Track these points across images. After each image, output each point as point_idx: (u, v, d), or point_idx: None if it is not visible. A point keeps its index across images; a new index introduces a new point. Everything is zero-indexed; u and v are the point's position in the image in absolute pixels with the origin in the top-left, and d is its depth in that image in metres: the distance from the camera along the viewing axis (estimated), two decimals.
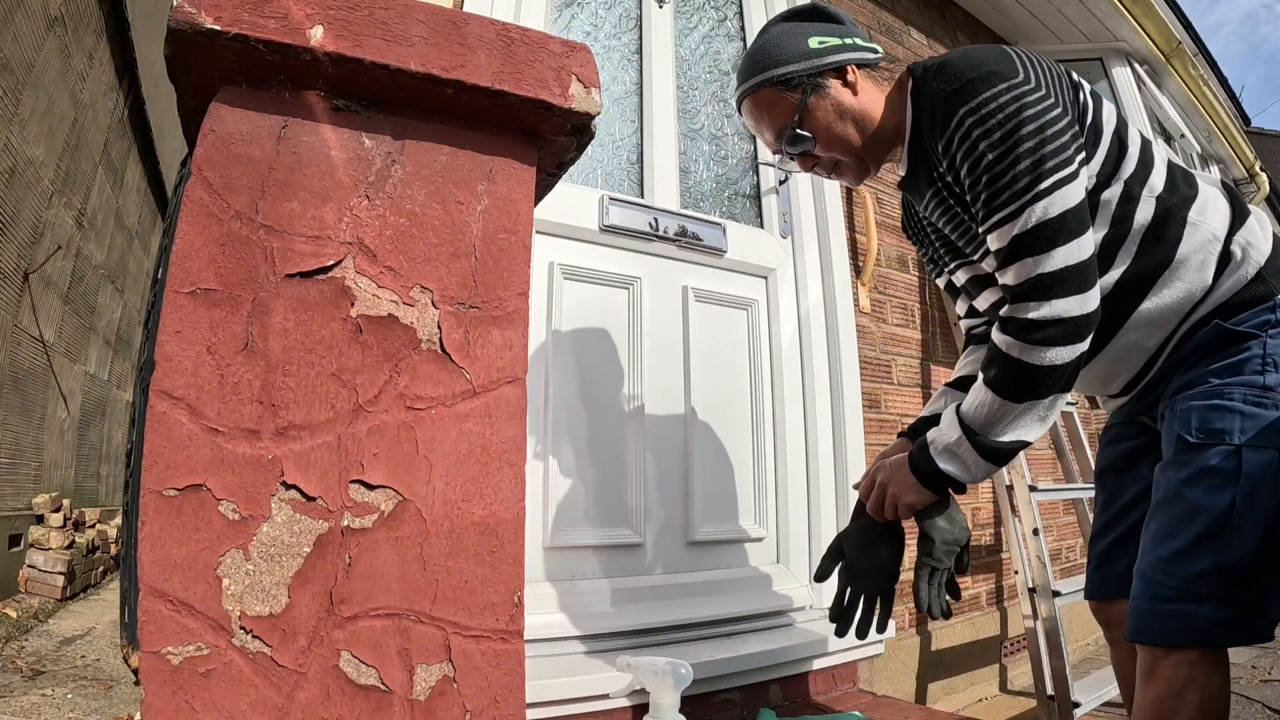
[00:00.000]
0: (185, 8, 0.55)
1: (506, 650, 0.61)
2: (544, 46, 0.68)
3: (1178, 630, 0.83)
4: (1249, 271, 0.89)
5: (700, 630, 1.53)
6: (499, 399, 0.64)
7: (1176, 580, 0.82)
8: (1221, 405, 0.85)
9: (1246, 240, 0.91)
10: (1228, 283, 0.90)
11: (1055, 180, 0.85)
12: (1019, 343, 0.87)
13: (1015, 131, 0.85)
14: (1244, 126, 5.23)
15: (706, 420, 1.70)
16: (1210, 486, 0.83)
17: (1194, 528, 0.82)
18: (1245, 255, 0.90)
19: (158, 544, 0.52)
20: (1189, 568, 0.82)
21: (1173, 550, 0.83)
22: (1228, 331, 0.88)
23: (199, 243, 0.57)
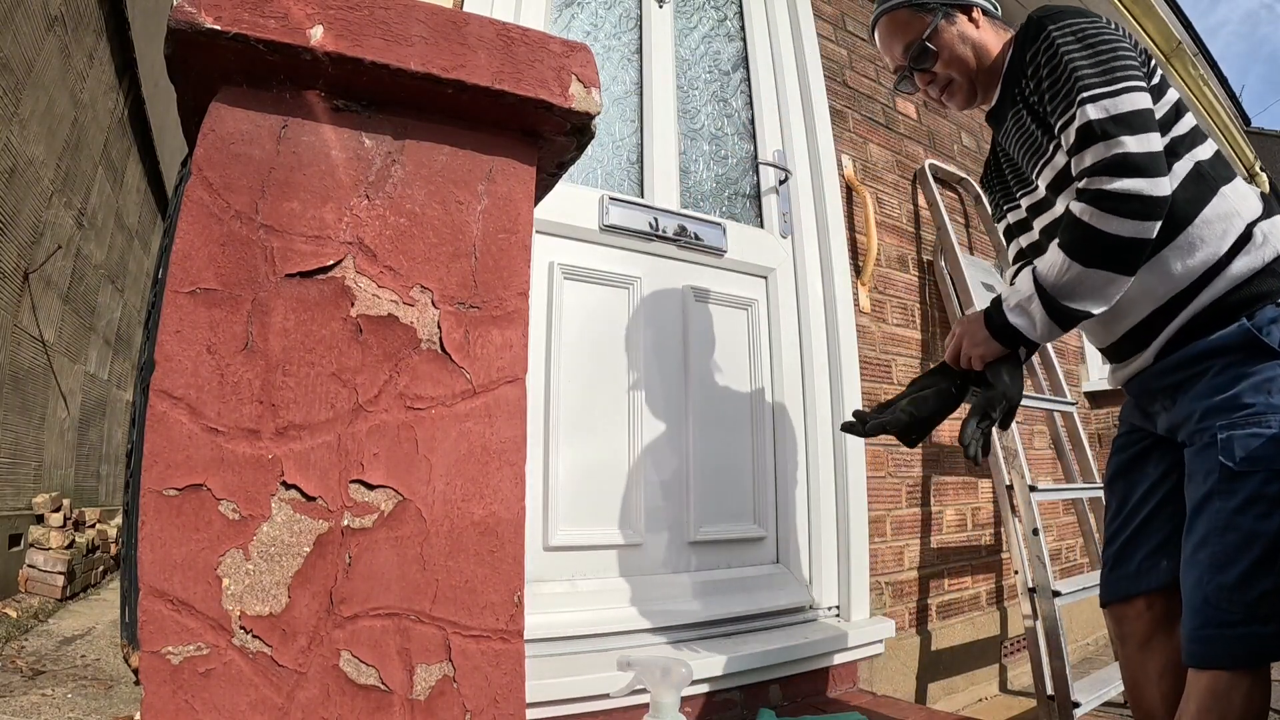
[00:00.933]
0: (185, 8, 0.55)
1: (506, 650, 0.61)
2: (544, 46, 0.68)
3: (1244, 653, 0.87)
4: (1266, 256, 0.93)
5: (700, 630, 1.53)
6: (499, 399, 0.64)
7: (1241, 605, 0.86)
8: (1261, 434, 0.88)
9: (1270, 229, 0.95)
10: (1243, 261, 0.94)
11: (1128, 84, 0.94)
12: (1092, 208, 0.92)
13: (1095, 42, 0.97)
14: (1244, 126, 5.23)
15: (706, 420, 1.70)
16: (1260, 512, 0.87)
17: (1251, 553, 0.86)
18: (1266, 240, 0.94)
19: (158, 544, 0.52)
20: (1251, 592, 0.86)
21: (1234, 577, 0.87)
22: (1257, 341, 0.91)
23: (199, 243, 0.57)
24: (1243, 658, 0.88)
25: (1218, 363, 0.94)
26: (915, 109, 2.52)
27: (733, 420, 1.75)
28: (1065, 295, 0.97)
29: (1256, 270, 0.93)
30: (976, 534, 2.22)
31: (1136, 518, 1.10)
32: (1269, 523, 0.87)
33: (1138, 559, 1.10)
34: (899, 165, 2.35)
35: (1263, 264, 0.93)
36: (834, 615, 1.74)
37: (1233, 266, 0.94)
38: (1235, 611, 0.87)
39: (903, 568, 1.95)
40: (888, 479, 1.97)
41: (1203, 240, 0.96)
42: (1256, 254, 0.94)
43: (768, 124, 2.03)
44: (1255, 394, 0.90)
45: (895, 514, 1.97)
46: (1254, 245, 0.94)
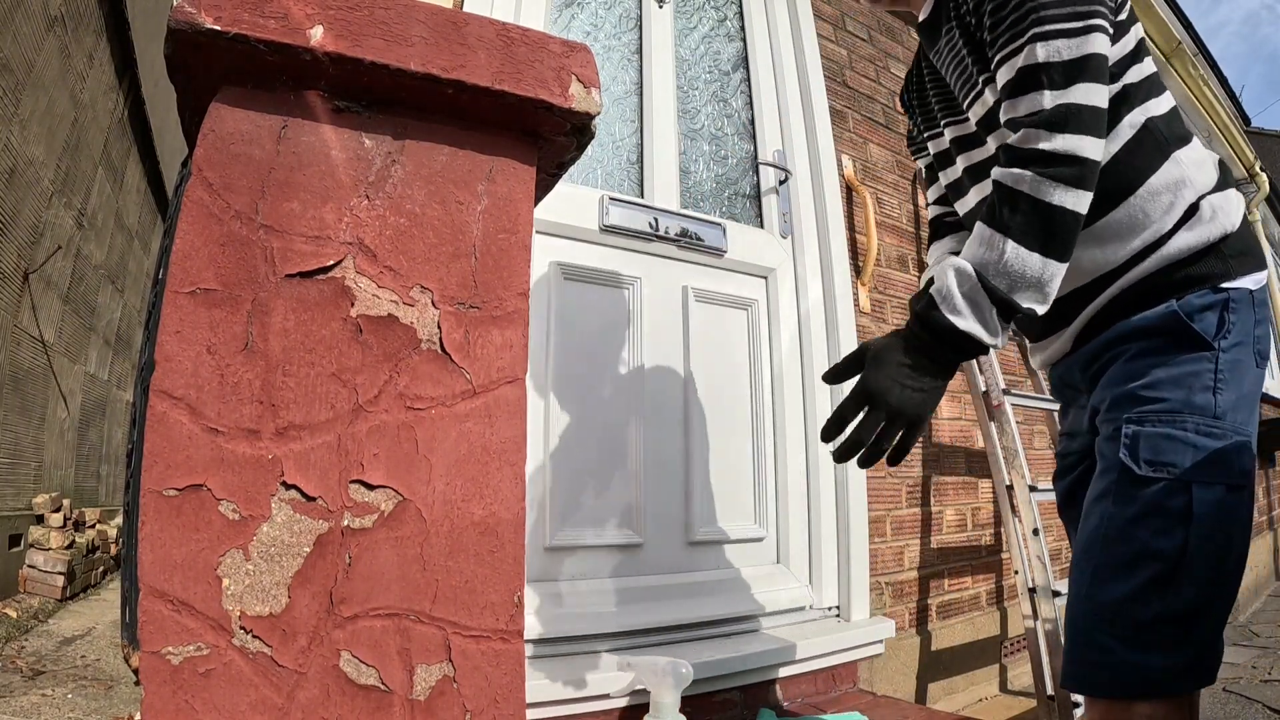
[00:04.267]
0: (185, 8, 0.55)
1: (506, 650, 0.61)
2: (544, 46, 0.68)
3: (1131, 682, 0.75)
4: (1211, 234, 0.81)
5: (700, 630, 1.53)
6: (499, 399, 0.64)
7: (1123, 628, 0.75)
8: (1173, 436, 0.77)
9: (1220, 204, 0.83)
10: (1187, 237, 0.81)
11: (1085, 23, 0.77)
12: (1030, 174, 0.76)
13: None
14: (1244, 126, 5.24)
15: (706, 420, 1.70)
16: (1159, 528, 0.75)
17: (1142, 573, 0.75)
18: (1214, 216, 0.81)
19: (158, 544, 0.52)
20: (1137, 615, 0.75)
21: (1118, 596, 0.76)
22: (1183, 326, 0.79)
23: (199, 243, 0.57)
24: (1129, 688, 0.75)
25: (1135, 346, 0.82)
26: None
27: (733, 420, 1.75)
28: (1011, 284, 0.77)
29: (1198, 249, 0.80)
30: (976, 534, 2.22)
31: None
32: (1166, 540, 0.74)
33: None
34: (899, 165, 2.35)
35: (1206, 242, 0.80)
36: (834, 615, 1.74)
37: (1172, 243, 0.81)
38: (1120, 635, 0.75)
39: (903, 568, 1.95)
40: (888, 479, 1.97)
41: (1145, 214, 0.82)
42: (1201, 230, 0.80)
43: (768, 124, 2.03)
44: (1173, 388, 0.78)
45: (895, 514, 1.97)
46: (1199, 220, 0.81)
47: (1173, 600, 0.74)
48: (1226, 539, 0.76)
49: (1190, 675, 0.75)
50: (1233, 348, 0.79)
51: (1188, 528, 0.74)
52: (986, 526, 2.26)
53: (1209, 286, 0.80)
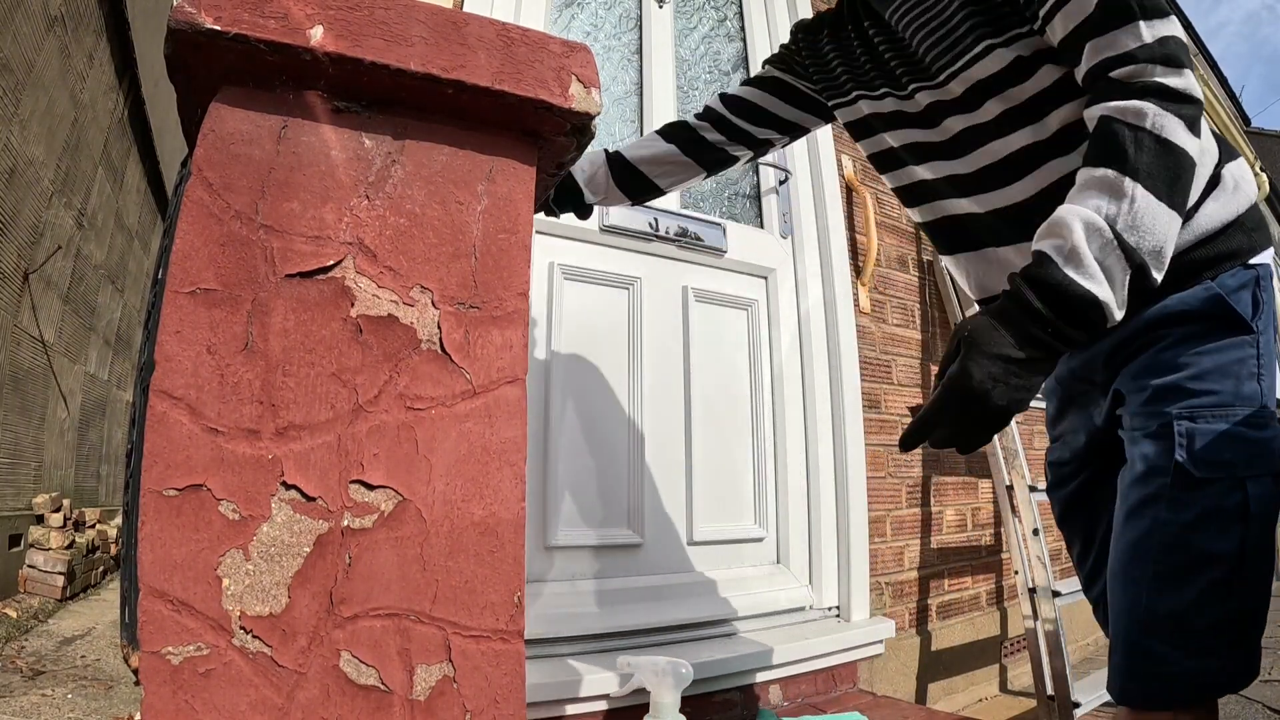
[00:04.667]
0: (185, 8, 0.55)
1: (506, 650, 0.61)
2: (544, 46, 0.68)
3: (1187, 691, 0.72)
4: (1240, 206, 0.75)
5: (700, 630, 1.53)
6: (499, 399, 0.64)
7: (1186, 637, 0.71)
8: (1229, 433, 0.72)
9: (1240, 173, 0.78)
10: (1214, 207, 0.75)
11: None
12: (1154, 108, 0.63)
13: None
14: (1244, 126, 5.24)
15: (706, 420, 1.70)
16: (1218, 530, 0.71)
17: (1204, 576, 0.71)
18: (1237, 186, 0.76)
19: (158, 544, 0.52)
20: (1196, 622, 0.71)
21: (1178, 605, 0.72)
22: (1225, 310, 0.73)
23: (199, 243, 0.57)
24: (1185, 697, 0.72)
25: (1175, 332, 0.75)
26: None
27: (733, 420, 1.75)
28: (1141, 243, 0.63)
29: (1227, 223, 0.74)
30: (976, 534, 2.22)
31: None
32: (1226, 541, 0.70)
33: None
34: None
35: (1235, 215, 0.75)
36: (834, 615, 1.74)
37: (1201, 214, 0.74)
38: (1180, 644, 0.71)
39: (903, 568, 1.96)
40: (888, 479, 1.97)
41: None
42: (1227, 201, 0.75)
43: None
44: (1221, 378, 0.73)
45: (895, 514, 1.97)
46: (1224, 190, 0.75)
47: (1230, 603, 0.71)
48: (1274, 531, 0.74)
49: (1244, 676, 0.73)
50: (1267, 328, 0.75)
51: (1245, 526, 0.71)
52: (986, 527, 2.26)
53: (1240, 263, 0.74)
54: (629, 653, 1.37)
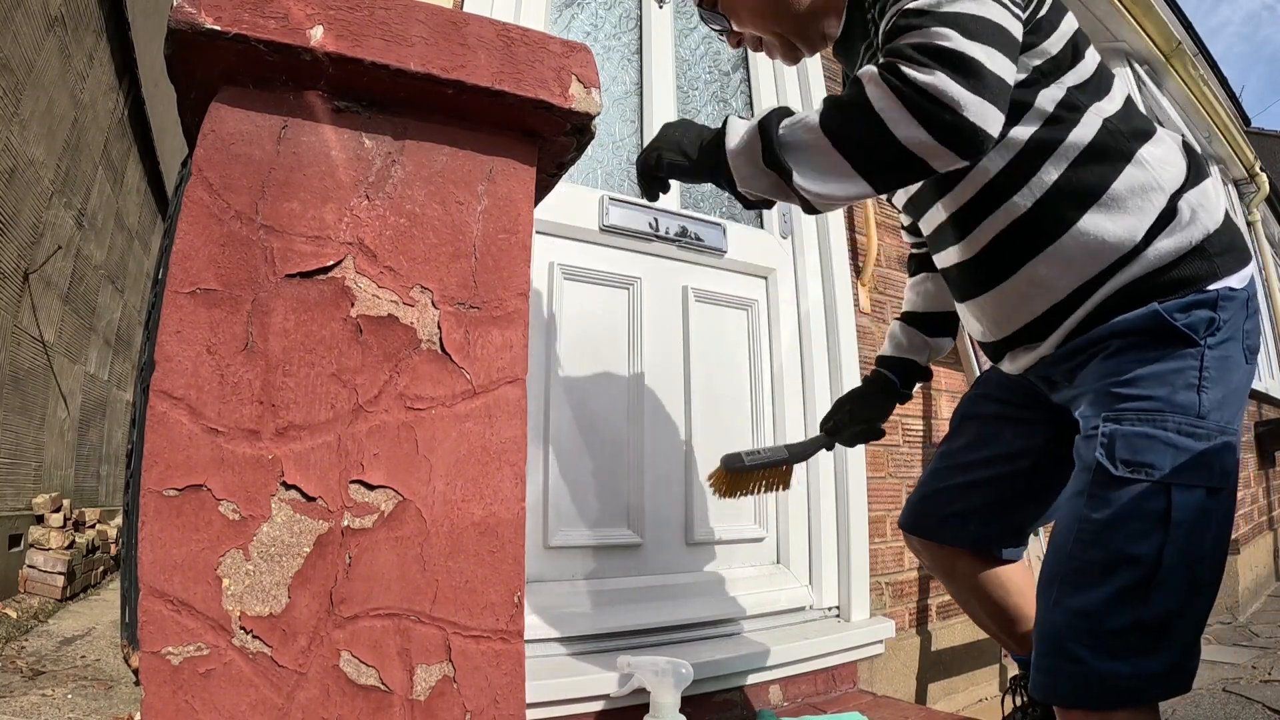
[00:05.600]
0: (185, 8, 0.55)
1: (506, 650, 0.61)
2: (544, 47, 0.68)
3: (1099, 692, 0.73)
4: (1194, 237, 0.76)
5: (700, 630, 1.53)
6: (499, 399, 0.64)
7: (1095, 637, 0.72)
8: (1153, 435, 0.73)
9: (1198, 201, 0.78)
10: (1167, 242, 0.76)
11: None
12: (886, 88, 0.68)
13: None
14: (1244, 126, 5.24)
15: (706, 420, 1.70)
16: (1135, 532, 0.72)
17: (1116, 579, 0.72)
18: (1194, 217, 0.77)
19: (158, 544, 0.52)
20: (1109, 623, 0.72)
21: (1090, 603, 0.73)
22: (1166, 325, 0.75)
23: (199, 243, 0.57)
24: (1103, 699, 0.72)
25: (1115, 343, 0.78)
26: None
27: (733, 420, 1.75)
28: (790, 153, 0.75)
29: (1183, 252, 0.76)
30: None
31: (968, 474, 1.03)
32: (1143, 545, 0.71)
33: (948, 511, 1.05)
34: None
35: (1188, 246, 0.76)
36: (834, 615, 1.74)
37: (1152, 249, 0.76)
38: (1093, 644, 0.72)
39: (903, 568, 1.95)
40: (888, 479, 1.97)
41: (1113, 221, 0.77)
42: (1183, 234, 0.76)
43: None
44: (1155, 384, 0.74)
45: (895, 514, 1.97)
46: (1179, 224, 0.76)
47: (1146, 608, 0.71)
48: (1204, 544, 0.73)
49: (1160, 684, 0.73)
50: (1221, 344, 0.75)
51: (1165, 532, 0.71)
52: None
53: (1194, 289, 0.76)
54: (629, 653, 1.37)
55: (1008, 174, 0.82)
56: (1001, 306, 0.88)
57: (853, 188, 0.74)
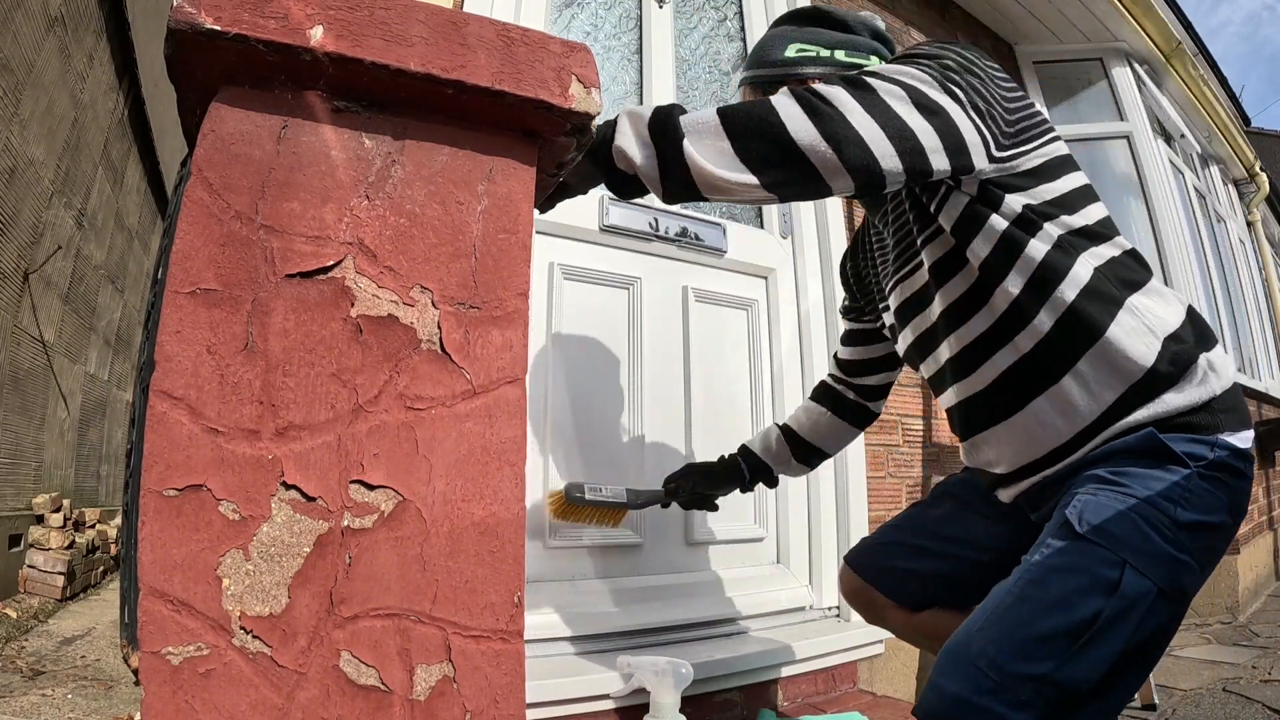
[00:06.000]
0: (185, 8, 0.55)
1: (506, 650, 0.61)
2: (544, 47, 0.68)
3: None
4: (1203, 395, 0.77)
5: (700, 630, 1.53)
6: (499, 399, 0.64)
7: (1002, 673, 0.69)
8: (1124, 514, 0.73)
9: (1217, 361, 0.80)
10: (1174, 395, 0.77)
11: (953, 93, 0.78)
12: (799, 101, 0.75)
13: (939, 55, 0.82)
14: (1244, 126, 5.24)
15: (706, 420, 1.70)
16: (1082, 587, 0.71)
17: (1046, 622, 0.70)
18: (1205, 377, 0.78)
19: (158, 544, 0.52)
20: (1022, 665, 0.69)
21: (1011, 637, 0.71)
22: (1159, 445, 0.76)
23: (199, 243, 0.57)
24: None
25: (1113, 458, 0.79)
26: None
27: (733, 420, 1.75)
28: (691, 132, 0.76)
29: (1191, 408, 0.77)
30: None
31: (930, 541, 1.05)
32: (1086, 601, 0.70)
33: (898, 566, 1.08)
34: None
35: (1198, 402, 0.77)
36: (834, 615, 1.74)
37: (1158, 402, 0.77)
38: (991, 677, 0.69)
39: None
40: (888, 479, 1.97)
41: (1111, 368, 0.79)
42: (1193, 392, 0.77)
43: None
44: (1139, 482, 0.75)
45: (895, 514, 1.97)
46: (1189, 380, 0.78)
47: (1065, 665, 0.69)
48: (1139, 637, 0.71)
49: None
50: (1211, 480, 0.75)
51: (1108, 600, 0.70)
52: None
53: (1196, 434, 0.77)
54: (629, 653, 1.37)
55: (1007, 316, 0.84)
56: (1007, 442, 0.89)
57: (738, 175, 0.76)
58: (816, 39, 1.04)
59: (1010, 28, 3.20)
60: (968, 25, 3.04)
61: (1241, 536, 2.81)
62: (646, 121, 0.78)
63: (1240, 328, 4.15)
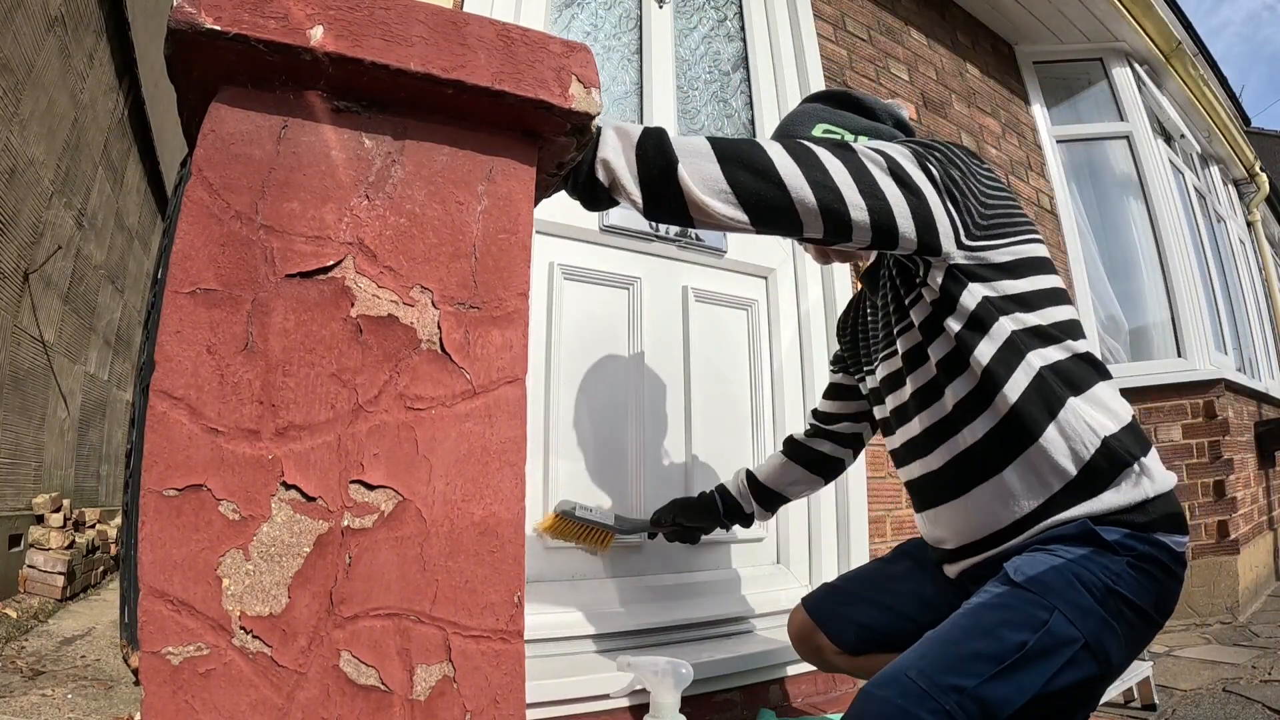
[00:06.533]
0: (185, 8, 0.55)
1: (506, 650, 0.61)
2: (544, 47, 0.68)
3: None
4: (1137, 497, 0.82)
5: (700, 630, 1.53)
6: (499, 399, 0.64)
7: (930, 682, 0.74)
8: (1057, 568, 0.78)
9: (1151, 467, 0.84)
10: (1111, 494, 0.82)
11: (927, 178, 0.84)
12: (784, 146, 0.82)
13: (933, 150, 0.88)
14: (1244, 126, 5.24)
15: (706, 420, 1.70)
16: (1011, 622, 0.76)
17: (975, 644, 0.75)
18: (1139, 481, 0.82)
19: (158, 544, 0.52)
20: (948, 677, 0.73)
21: (941, 655, 0.76)
22: (1092, 532, 0.81)
23: (199, 243, 0.57)
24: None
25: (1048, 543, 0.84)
26: (915, 109, 2.52)
27: (733, 420, 1.75)
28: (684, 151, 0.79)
29: (1128, 506, 0.82)
30: None
31: (882, 596, 1.11)
32: (1013, 633, 0.75)
33: (846, 613, 1.14)
34: None
35: (1134, 502, 0.82)
36: None
37: (1094, 500, 0.82)
38: (918, 686, 0.74)
39: None
40: (888, 479, 1.97)
41: (1048, 467, 0.84)
42: (1128, 492, 0.82)
43: (768, 124, 2.03)
44: (1068, 553, 0.80)
45: (895, 514, 1.97)
46: (1126, 480, 0.82)
47: (989, 683, 0.73)
48: (1063, 682, 0.74)
49: None
50: (1141, 571, 0.79)
51: (1034, 635, 0.75)
52: None
53: (1128, 529, 0.81)
54: (629, 653, 1.37)
55: (958, 409, 0.91)
56: (953, 521, 0.96)
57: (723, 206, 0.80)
58: (844, 122, 1.08)
59: (1010, 27, 3.20)
60: (968, 25, 3.04)
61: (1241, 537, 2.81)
62: (636, 139, 0.80)
63: (1240, 328, 4.15)
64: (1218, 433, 2.79)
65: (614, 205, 0.86)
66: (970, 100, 2.84)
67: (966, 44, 2.98)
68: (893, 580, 1.12)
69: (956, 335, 0.89)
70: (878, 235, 0.83)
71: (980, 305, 0.87)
